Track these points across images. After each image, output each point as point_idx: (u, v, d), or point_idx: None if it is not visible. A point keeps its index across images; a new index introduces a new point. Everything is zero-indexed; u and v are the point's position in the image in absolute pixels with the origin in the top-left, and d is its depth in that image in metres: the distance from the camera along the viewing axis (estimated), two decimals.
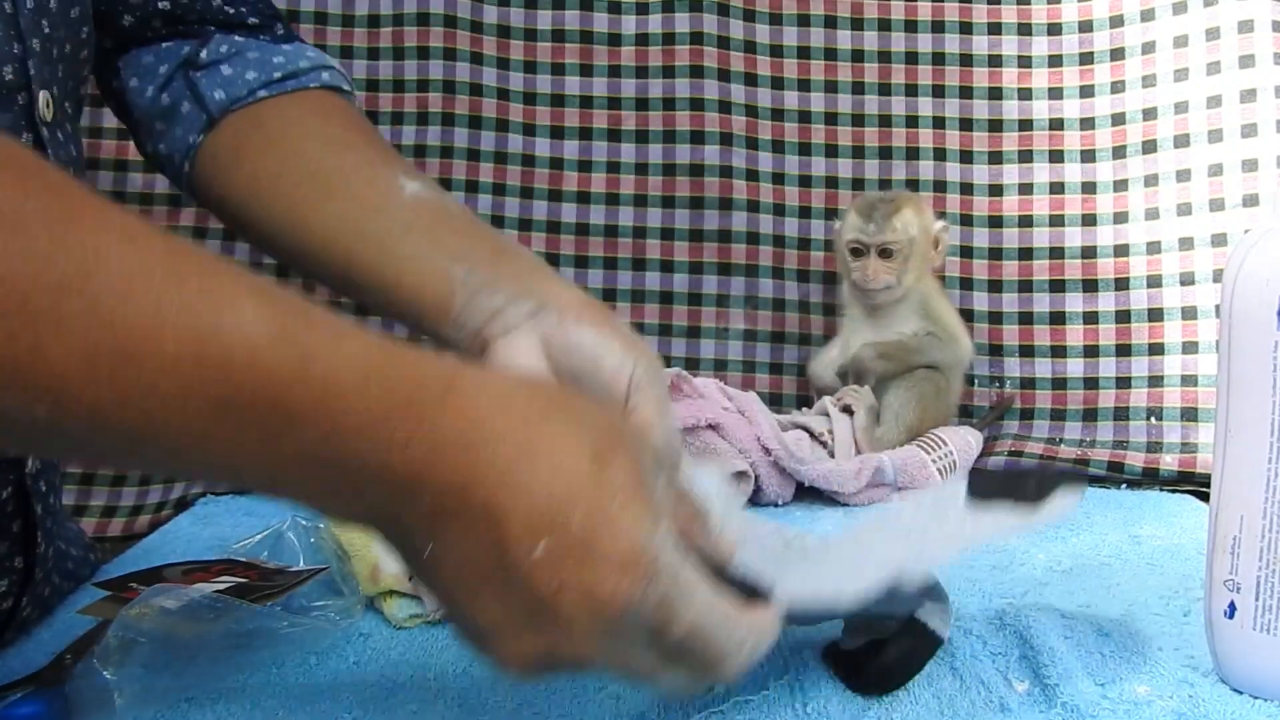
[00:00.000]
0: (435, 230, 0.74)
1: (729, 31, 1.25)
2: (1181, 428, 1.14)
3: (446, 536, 0.47)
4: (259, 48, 0.82)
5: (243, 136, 0.79)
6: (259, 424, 0.44)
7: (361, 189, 0.76)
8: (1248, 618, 0.60)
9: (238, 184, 0.79)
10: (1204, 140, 1.16)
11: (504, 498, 0.46)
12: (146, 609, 0.62)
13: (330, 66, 0.83)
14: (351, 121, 0.82)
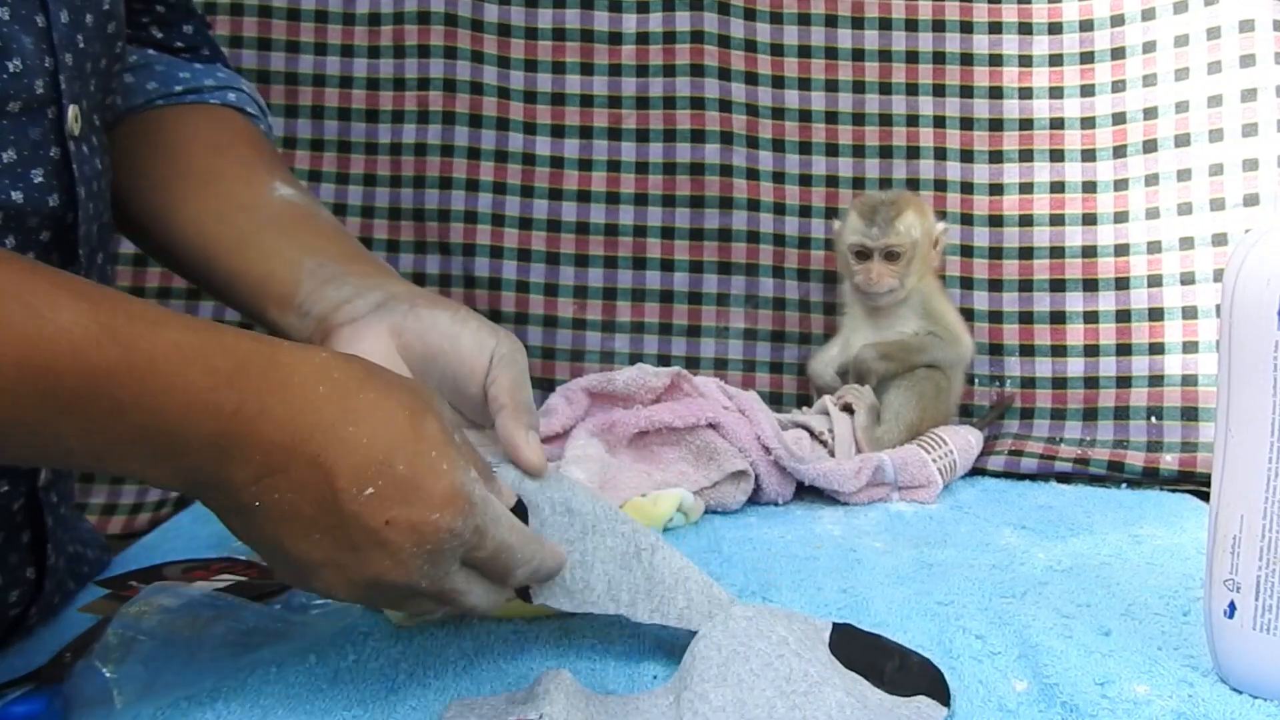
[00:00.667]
0: (295, 228, 0.77)
1: (729, 30, 1.25)
2: (1182, 427, 1.14)
3: (274, 491, 0.53)
4: (167, 64, 0.84)
5: (132, 140, 0.80)
6: (87, 414, 0.49)
7: (233, 187, 0.79)
8: (1248, 617, 0.60)
9: (120, 181, 0.79)
10: (1204, 140, 1.16)
11: (332, 452, 0.52)
12: (146, 607, 0.62)
13: (238, 89, 0.86)
14: (241, 133, 0.84)
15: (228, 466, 0.52)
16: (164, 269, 1.23)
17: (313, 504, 0.53)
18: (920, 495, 1.03)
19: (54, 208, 0.65)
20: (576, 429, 0.96)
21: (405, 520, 0.53)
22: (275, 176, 0.80)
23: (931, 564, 0.84)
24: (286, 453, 0.52)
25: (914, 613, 0.74)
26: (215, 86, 0.84)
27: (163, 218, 0.80)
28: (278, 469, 0.52)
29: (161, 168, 0.80)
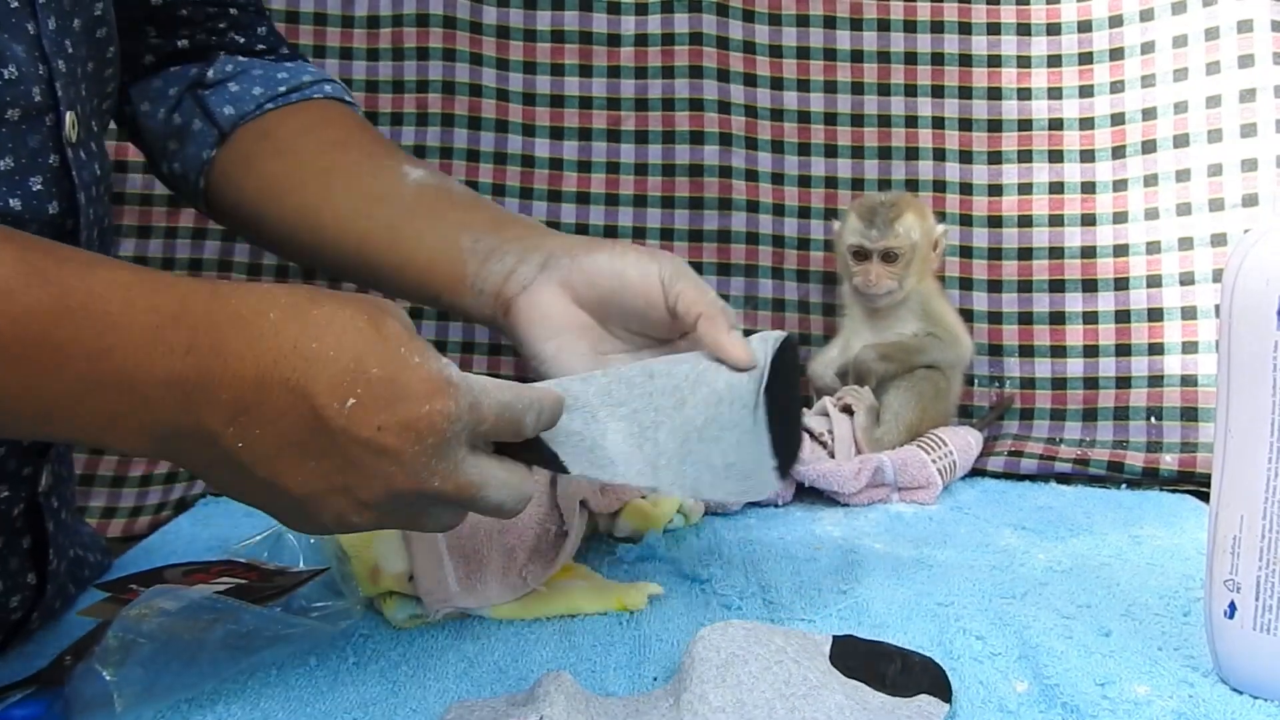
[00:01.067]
0: (439, 209, 0.79)
1: (728, 32, 1.25)
2: (1181, 427, 1.14)
3: (253, 425, 0.51)
4: (263, 66, 0.86)
5: (252, 146, 0.82)
6: (29, 361, 0.48)
7: (367, 181, 0.80)
8: (1248, 617, 0.60)
9: (249, 191, 0.83)
10: (1203, 140, 1.16)
11: (302, 372, 0.51)
12: (146, 610, 0.62)
13: (332, 81, 0.88)
14: (353, 124, 0.86)
15: (197, 412, 0.51)
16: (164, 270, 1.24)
17: (298, 430, 0.52)
18: (920, 496, 1.03)
19: (53, 215, 0.65)
20: None
21: (396, 422, 0.52)
22: (400, 160, 0.82)
23: (931, 565, 0.84)
24: (255, 384, 0.51)
25: (914, 613, 0.74)
26: (313, 81, 0.86)
27: (306, 222, 0.82)
28: (251, 404, 0.51)
29: (290, 172, 0.82)
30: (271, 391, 0.51)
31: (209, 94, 0.84)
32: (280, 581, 0.71)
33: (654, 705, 0.60)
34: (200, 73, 0.84)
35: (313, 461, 0.52)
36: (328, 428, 0.51)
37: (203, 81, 0.84)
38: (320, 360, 0.52)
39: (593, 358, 0.75)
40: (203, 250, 1.25)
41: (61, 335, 0.49)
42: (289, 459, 0.52)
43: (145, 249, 1.24)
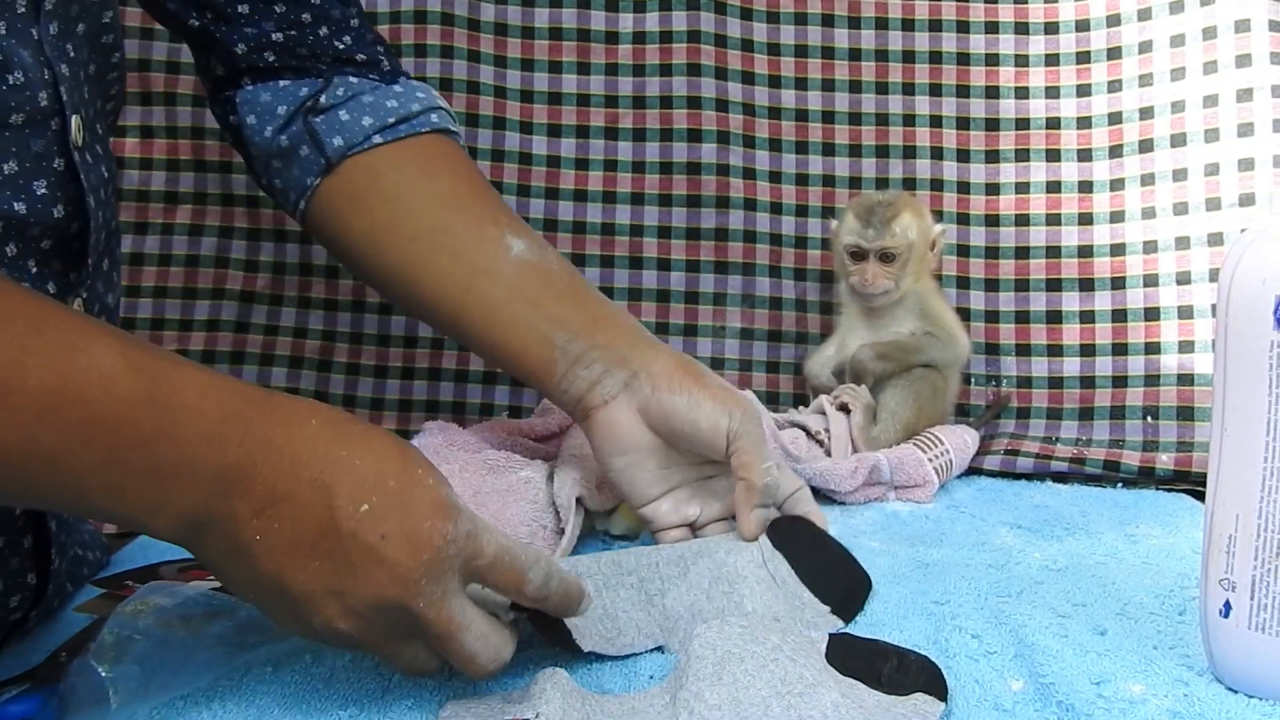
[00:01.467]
0: (538, 296, 0.82)
1: (726, 30, 1.25)
2: (1178, 426, 1.14)
3: (275, 519, 0.54)
4: (373, 90, 0.87)
5: (360, 186, 0.85)
6: (111, 445, 0.52)
7: (470, 249, 0.83)
8: (1243, 617, 0.60)
9: (355, 233, 0.86)
10: (1200, 139, 1.16)
11: (330, 473, 0.55)
12: (142, 606, 0.62)
13: (439, 107, 0.89)
14: (459, 170, 0.88)
15: (232, 499, 0.54)
16: (160, 266, 1.24)
17: (313, 528, 0.55)
18: (916, 495, 1.03)
19: (59, 219, 0.65)
20: (573, 428, 0.96)
21: (399, 532, 0.56)
22: (503, 226, 0.85)
23: (927, 563, 0.84)
24: (288, 479, 0.55)
25: (910, 612, 0.74)
26: (421, 111, 0.87)
27: (406, 280, 0.86)
28: (280, 498, 0.55)
29: (396, 226, 0.85)
30: (300, 487, 0.55)
31: (319, 121, 0.85)
32: None
33: (650, 703, 0.60)
34: (312, 95, 0.85)
35: (317, 562, 0.55)
36: (339, 528, 0.55)
37: (315, 105, 0.85)
38: (346, 466, 0.56)
39: (659, 474, 0.82)
40: (199, 247, 1.25)
41: (145, 424, 0.52)
42: (298, 556, 0.55)
43: (142, 245, 1.24)
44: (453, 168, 0.88)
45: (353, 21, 0.88)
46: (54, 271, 0.67)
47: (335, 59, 0.87)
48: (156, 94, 1.24)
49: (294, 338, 1.25)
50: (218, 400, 0.55)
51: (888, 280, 1.13)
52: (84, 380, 0.51)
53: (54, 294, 0.67)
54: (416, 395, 1.25)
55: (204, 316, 1.25)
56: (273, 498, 0.55)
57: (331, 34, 0.87)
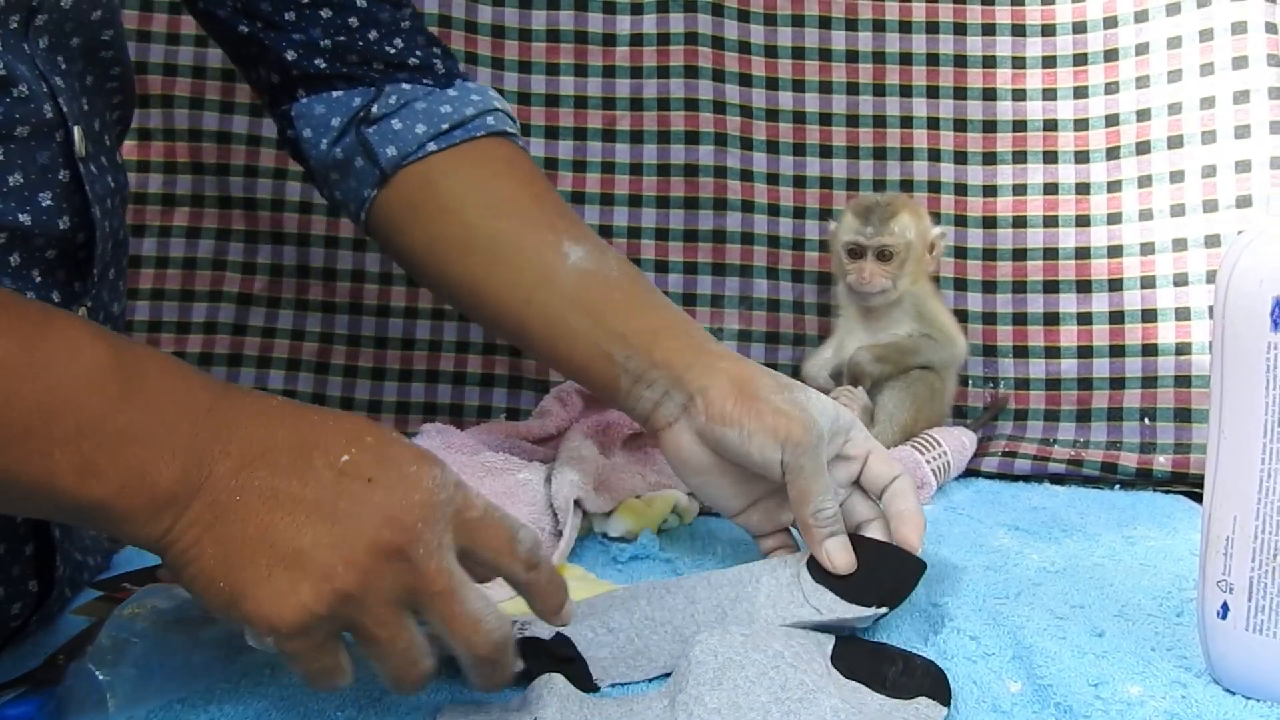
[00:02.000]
0: (597, 309, 0.80)
1: (724, 32, 1.25)
2: (1175, 428, 1.14)
3: (255, 475, 0.53)
4: (427, 96, 0.86)
5: (416, 197, 0.84)
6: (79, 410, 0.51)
7: (527, 259, 0.82)
8: (1241, 618, 0.60)
9: (416, 244, 0.86)
10: (1197, 141, 1.16)
11: (306, 430, 0.55)
12: (139, 609, 0.62)
13: (495, 109, 0.87)
14: (517, 174, 0.87)
15: (210, 461, 0.52)
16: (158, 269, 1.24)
17: (296, 479, 0.53)
18: None
19: (64, 230, 0.65)
20: (571, 430, 0.97)
21: (386, 476, 0.54)
22: (561, 232, 0.83)
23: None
24: (265, 437, 0.54)
25: (907, 613, 0.74)
26: (475, 114, 0.86)
27: (467, 292, 0.85)
28: (258, 454, 0.53)
29: (454, 237, 0.84)
30: (277, 443, 0.54)
31: (372, 131, 0.84)
32: None
33: (649, 706, 0.60)
34: (364, 105, 0.84)
35: (303, 515, 0.52)
36: (322, 477, 0.53)
37: (367, 116, 0.84)
38: (322, 425, 0.56)
39: (738, 489, 0.79)
40: (196, 249, 1.25)
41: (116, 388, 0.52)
42: (283, 511, 0.52)
43: (139, 248, 1.24)
44: (510, 172, 0.86)
45: (404, 24, 0.87)
46: (59, 281, 0.67)
47: (387, 64, 0.86)
48: (154, 97, 1.24)
49: (291, 340, 1.25)
50: (185, 373, 0.55)
51: (885, 279, 1.13)
52: (49, 349, 0.51)
53: (58, 303, 0.67)
54: (414, 398, 1.25)
55: (201, 319, 1.25)
56: (251, 455, 0.53)
57: (381, 38, 0.86)
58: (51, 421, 0.50)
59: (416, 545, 0.53)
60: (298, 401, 0.59)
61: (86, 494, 0.51)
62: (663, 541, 0.90)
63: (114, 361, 0.52)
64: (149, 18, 1.23)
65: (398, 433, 0.58)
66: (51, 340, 0.51)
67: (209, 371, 1.21)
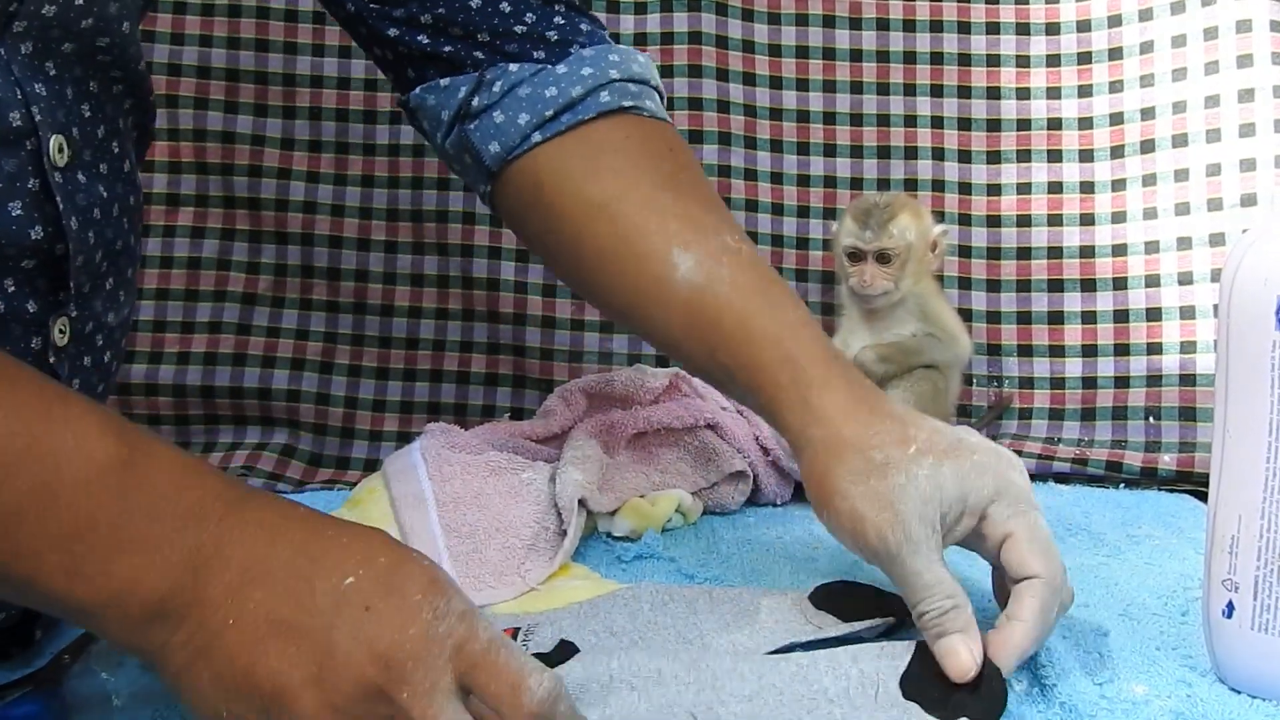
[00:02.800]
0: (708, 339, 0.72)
1: (728, 31, 1.25)
2: (1180, 427, 1.14)
3: (250, 598, 0.49)
4: (534, 77, 0.79)
5: (525, 194, 0.80)
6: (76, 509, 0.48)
7: (632, 271, 0.75)
8: (1246, 617, 0.60)
9: (532, 238, 0.84)
10: (1202, 140, 1.16)
11: (314, 545, 0.51)
12: None
13: (610, 81, 0.79)
14: (628, 163, 0.79)
15: (204, 582, 0.49)
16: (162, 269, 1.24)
17: (291, 604, 0.49)
18: None
19: (37, 240, 0.63)
20: (575, 430, 0.96)
21: (387, 605, 0.49)
22: (671, 237, 0.74)
23: None
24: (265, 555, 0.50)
25: None
26: (583, 95, 0.78)
27: (588, 294, 0.84)
28: (255, 576, 0.50)
29: (564, 243, 0.79)
30: (277, 562, 0.50)
31: (474, 127, 0.79)
32: None
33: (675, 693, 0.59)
34: (467, 96, 0.79)
35: (294, 646, 0.48)
36: (317, 605, 0.49)
37: (469, 110, 0.79)
38: (333, 541, 0.52)
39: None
40: (201, 249, 1.25)
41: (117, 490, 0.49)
42: (274, 640, 0.49)
43: (144, 248, 1.23)
44: (621, 163, 0.78)
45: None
46: (37, 290, 0.64)
47: (494, 35, 0.79)
48: (158, 97, 1.24)
49: (295, 340, 1.25)
50: (198, 476, 0.52)
51: (886, 281, 1.12)
52: (53, 439, 0.48)
53: (34, 313, 0.64)
54: (418, 397, 1.25)
55: (205, 319, 1.25)
56: (248, 577, 0.49)
57: (485, 3, 0.79)
58: (45, 518, 0.48)
59: (402, 688, 0.48)
60: (321, 513, 0.54)
61: (74, 597, 0.48)
62: (666, 541, 0.90)
63: (120, 459, 0.49)
64: (153, 18, 1.23)
65: (420, 553, 0.53)
66: (58, 430, 0.49)
67: (213, 371, 1.22)
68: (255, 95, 1.25)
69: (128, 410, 1.23)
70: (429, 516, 0.81)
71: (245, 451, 1.21)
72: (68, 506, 0.48)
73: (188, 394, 1.23)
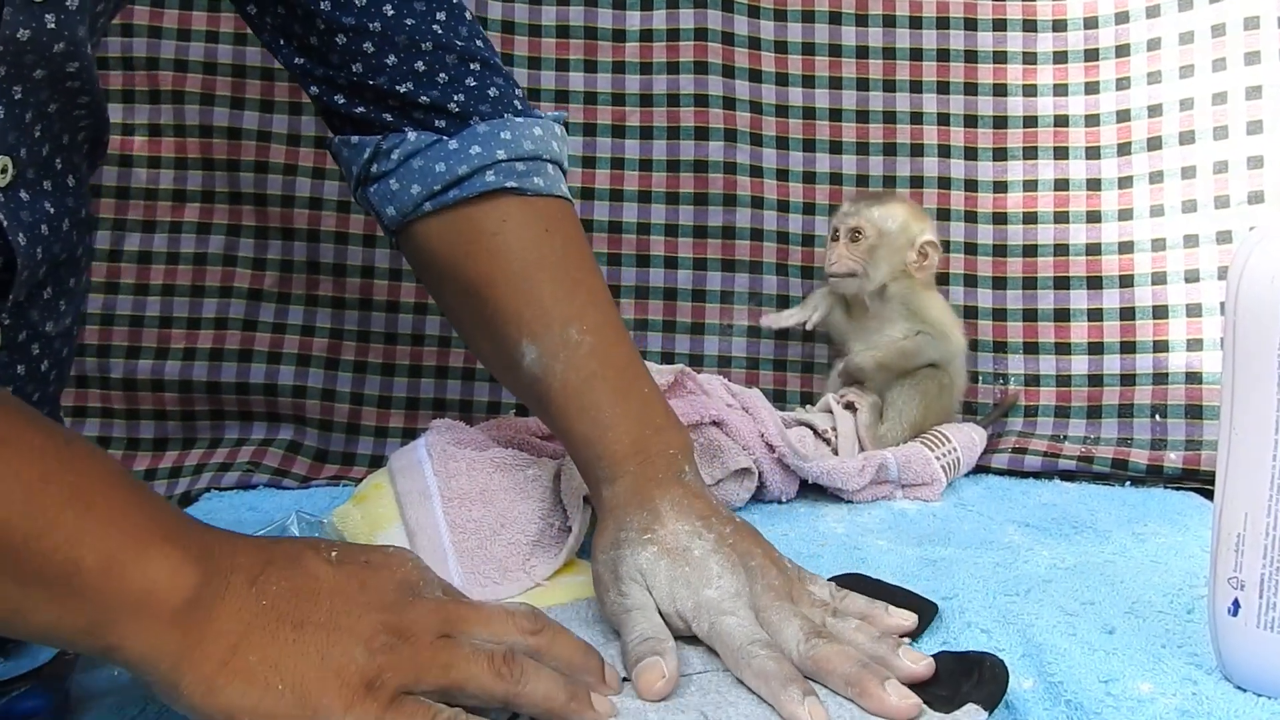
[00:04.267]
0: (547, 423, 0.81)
1: (734, 27, 1.25)
2: (1186, 425, 1.14)
3: (271, 580, 0.54)
4: (426, 150, 0.82)
5: (417, 255, 0.86)
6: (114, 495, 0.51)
7: (496, 350, 0.83)
8: (1252, 615, 0.60)
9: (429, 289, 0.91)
10: (1209, 137, 1.15)
11: (298, 546, 0.57)
12: None
13: (496, 163, 0.82)
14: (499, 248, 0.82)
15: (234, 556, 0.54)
16: (169, 264, 1.24)
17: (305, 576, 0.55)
18: (924, 493, 1.03)
19: None
20: None
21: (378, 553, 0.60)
22: (522, 329, 0.80)
23: (935, 562, 0.84)
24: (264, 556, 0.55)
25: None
26: (470, 172, 0.81)
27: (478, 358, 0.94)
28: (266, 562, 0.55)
29: (444, 302, 0.88)
30: (276, 556, 0.55)
31: (374, 190, 0.84)
32: None
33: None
34: (368, 162, 0.83)
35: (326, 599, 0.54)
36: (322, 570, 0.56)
37: (368, 175, 0.84)
38: (311, 543, 0.58)
39: None
40: (207, 245, 1.25)
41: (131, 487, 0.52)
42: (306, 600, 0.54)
43: (150, 243, 1.24)
44: (493, 245, 0.82)
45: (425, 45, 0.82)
46: None
47: (402, 103, 0.82)
48: (164, 92, 1.24)
49: (301, 335, 1.25)
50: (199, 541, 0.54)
51: (852, 262, 1.12)
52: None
53: None
54: (424, 393, 1.26)
55: (211, 314, 1.25)
56: (260, 566, 0.54)
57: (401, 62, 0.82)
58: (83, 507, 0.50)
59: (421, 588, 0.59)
60: None
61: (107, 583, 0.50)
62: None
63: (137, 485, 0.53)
64: (159, 14, 1.24)
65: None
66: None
67: (219, 367, 1.22)
68: (262, 91, 1.25)
69: (134, 406, 1.23)
70: (434, 512, 0.81)
71: (251, 447, 1.21)
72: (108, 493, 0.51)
73: (194, 389, 1.23)
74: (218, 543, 0.54)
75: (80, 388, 1.23)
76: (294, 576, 0.54)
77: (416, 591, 0.58)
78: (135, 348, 1.23)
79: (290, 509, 0.81)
